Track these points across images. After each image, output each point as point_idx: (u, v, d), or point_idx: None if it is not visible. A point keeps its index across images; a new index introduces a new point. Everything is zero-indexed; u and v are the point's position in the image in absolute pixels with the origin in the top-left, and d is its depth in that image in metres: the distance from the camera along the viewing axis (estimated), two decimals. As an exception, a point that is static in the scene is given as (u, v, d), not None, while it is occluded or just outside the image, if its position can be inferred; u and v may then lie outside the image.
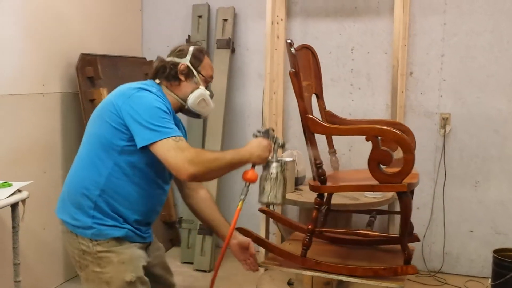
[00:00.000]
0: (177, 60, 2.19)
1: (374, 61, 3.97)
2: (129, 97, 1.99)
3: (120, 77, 3.82)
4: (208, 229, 2.41)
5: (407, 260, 2.21)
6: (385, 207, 3.48)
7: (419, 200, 3.91)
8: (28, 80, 3.35)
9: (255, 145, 2.10)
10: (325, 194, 2.51)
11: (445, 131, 3.83)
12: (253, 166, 2.13)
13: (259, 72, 4.19)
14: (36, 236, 3.44)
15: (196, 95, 2.16)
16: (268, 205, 2.18)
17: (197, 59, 2.20)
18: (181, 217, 4.23)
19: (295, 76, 2.15)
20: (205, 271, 3.99)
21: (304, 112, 2.17)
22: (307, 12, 4.10)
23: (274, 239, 4.14)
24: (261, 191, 2.14)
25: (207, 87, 2.23)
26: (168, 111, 2.02)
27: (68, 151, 3.70)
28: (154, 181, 2.11)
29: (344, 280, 2.21)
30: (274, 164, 2.13)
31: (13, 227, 2.80)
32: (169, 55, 2.23)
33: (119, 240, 2.05)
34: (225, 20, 4.21)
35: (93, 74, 3.71)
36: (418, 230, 3.92)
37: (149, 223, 2.20)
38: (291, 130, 4.20)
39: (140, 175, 2.05)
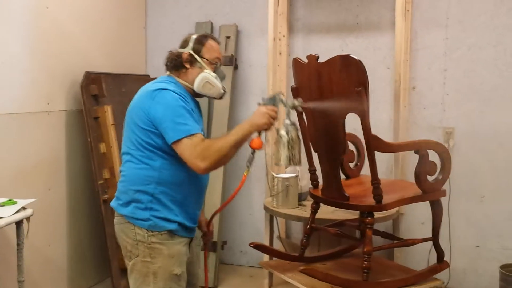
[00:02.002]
0: (180, 50, 2.36)
1: (376, 76, 3.98)
2: (153, 99, 2.20)
3: (124, 95, 3.85)
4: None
5: (441, 258, 2.59)
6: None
7: (423, 215, 3.88)
8: (33, 98, 3.39)
9: (254, 116, 2.22)
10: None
11: (449, 145, 3.82)
12: (259, 133, 2.22)
13: (262, 88, 4.21)
14: (41, 253, 3.44)
15: (199, 79, 2.31)
16: (287, 166, 2.30)
17: (199, 45, 2.34)
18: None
19: (365, 93, 2.17)
20: (209, 288, 3.98)
21: (369, 130, 2.22)
22: (309, 28, 4.13)
23: (278, 255, 4.12)
24: (276, 156, 2.28)
25: (215, 70, 2.35)
26: (186, 106, 2.19)
27: (73, 168, 3.72)
28: None
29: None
30: (283, 128, 2.26)
31: (18, 244, 2.81)
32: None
33: (171, 234, 2.25)
34: (228, 37, 4.25)
35: (98, 92, 3.74)
36: (423, 244, 3.89)
37: (200, 205, 2.40)
38: (295, 146, 4.20)
39: (182, 162, 2.19)
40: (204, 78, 2.30)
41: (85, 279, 3.89)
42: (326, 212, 3.22)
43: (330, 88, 2.32)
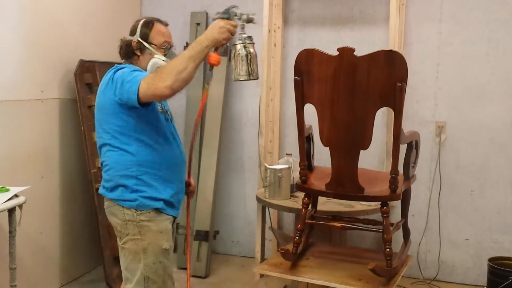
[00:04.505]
0: (129, 38, 2.43)
1: (370, 70, 3.99)
2: (112, 81, 2.27)
3: (118, 84, 3.85)
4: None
5: (408, 237, 2.88)
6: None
7: (414, 207, 3.92)
8: (27, 86, 3.39)
9: (211, 29, 2.21)
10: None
11: (440, 139, 3.85)
12: (216, 49, 2.21)
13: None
14: (33, 240, 3.46)
15: (150, 65, 2.35)
16: (238, 80, 2.32)
17: (145, 31, 2.40)
18: (178, 223, 4.24)
19: (405, 89, 2.27)
20: (201, 277, 4.00)
21: (401, 124, 2.34)
22: (304, 20, 4.14)
23: (270, 246, 4.15)
24: (236, 71, 2.28)
25: (166, 53, 2.40)
26: (141, 71, 2.28)
27: (66, 156, 3.73)
28: (165, 137, 2.38)
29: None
30: (237, 42, 2.26)
31: (10, 232, 2.82)
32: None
33: (158, 211, 2.34)
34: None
35: (92, 80, 3.74)
36: (413, 237, 3.93)
37: (182, 178, 2.48)
38: (288, 138, 4.23)
39: (156, 139, 2.33)
40: (155, 63, 2.34)
41: (77, 267, 3.91)
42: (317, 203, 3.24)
43: (366, 82, 2.34)
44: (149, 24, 2.41)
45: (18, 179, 3.19)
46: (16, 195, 2.83)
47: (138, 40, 2.39)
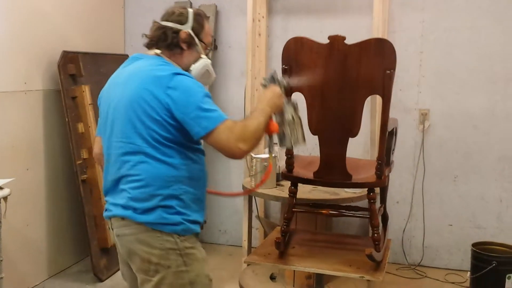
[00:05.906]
0: (178, 26, 2.03)
1: (354, 58, 4.01)
2: (167, 86, 1.89)
3: (103, 74, 3.83)
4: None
5: (387, 221, 2.91)
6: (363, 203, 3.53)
7: (398, 194, 3.98)
8: (10, 77, 3.36)
9: (271, 96, 2.07)
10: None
11: (424, 126, 3.88)
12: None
13: (241, 69, 4.21)
14: (20, 232, 3.44)
15: (200, 67, 2.07)
16: (292, 148, 2.24)
17: (199, 25, 2.06)
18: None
19: (393, 76, 2.32)
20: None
21: (388, 112, 2.38)
22: (288, 9, 4.14)
23: (257, 234, 4.18)
24: (282, 137, 2.17)
25: (207, 54, 2.14)
26: (206, 90, 1.96)
27: (51, 148, 3.71)
28: (200, 151, 2.07)
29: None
30: (287, 108, 2.16)
31: (-5, 224, 2.81)
32: (166, 19, 2.06)
33: (196, 235, 2.03)
34: (207, 17, 4.22)
35: (75, 71, 3.72)
36: (398, 223, 4.01)
37: None
38: (273, 127, 4.23)
39: (195, 152, 2.02)
40: (206, 66, 2.07)
41: (64, 259, 3.90)
42: (303, 192, 3.26)
43: (357, 70, 2.36)
44: (200, 18, 2.07)
45: (3, 171, 3.17)
46: (0, 187, 2.81)
47: (189, 32, 2.03)
